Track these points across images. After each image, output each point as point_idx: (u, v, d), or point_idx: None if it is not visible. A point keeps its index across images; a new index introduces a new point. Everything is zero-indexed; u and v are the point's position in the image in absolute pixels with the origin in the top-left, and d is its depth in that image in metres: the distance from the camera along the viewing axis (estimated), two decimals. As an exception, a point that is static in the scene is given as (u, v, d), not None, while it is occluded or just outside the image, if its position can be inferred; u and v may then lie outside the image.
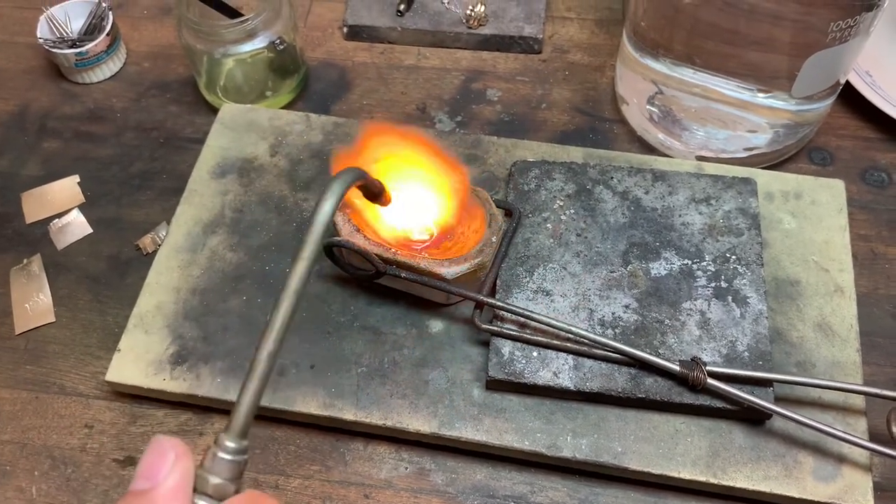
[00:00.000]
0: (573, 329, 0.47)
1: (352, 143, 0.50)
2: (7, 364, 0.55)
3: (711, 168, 0.57)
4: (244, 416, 0.30)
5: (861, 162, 0.61)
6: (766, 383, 0.46)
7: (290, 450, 0.50)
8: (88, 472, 0.50)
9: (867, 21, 0.50)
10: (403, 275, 0.49)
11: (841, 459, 0.46)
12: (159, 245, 0.57)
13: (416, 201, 0.51)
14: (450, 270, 0.49)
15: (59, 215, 0.61)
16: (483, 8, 0.68)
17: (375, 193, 0.41)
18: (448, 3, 0.70)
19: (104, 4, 0.68)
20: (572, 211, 0.54)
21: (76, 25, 0.69)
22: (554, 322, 0.48)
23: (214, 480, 0.29)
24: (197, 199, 0.58)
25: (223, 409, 0.51)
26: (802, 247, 0.54)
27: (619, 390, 0.47)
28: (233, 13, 0.62)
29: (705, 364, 0.46)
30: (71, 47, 0.67)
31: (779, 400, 0.47)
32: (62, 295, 0.57)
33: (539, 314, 0.48)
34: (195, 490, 0.29)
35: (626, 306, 0.50)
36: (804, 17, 0.49)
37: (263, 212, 0.57)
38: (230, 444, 0.29)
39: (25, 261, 0.59)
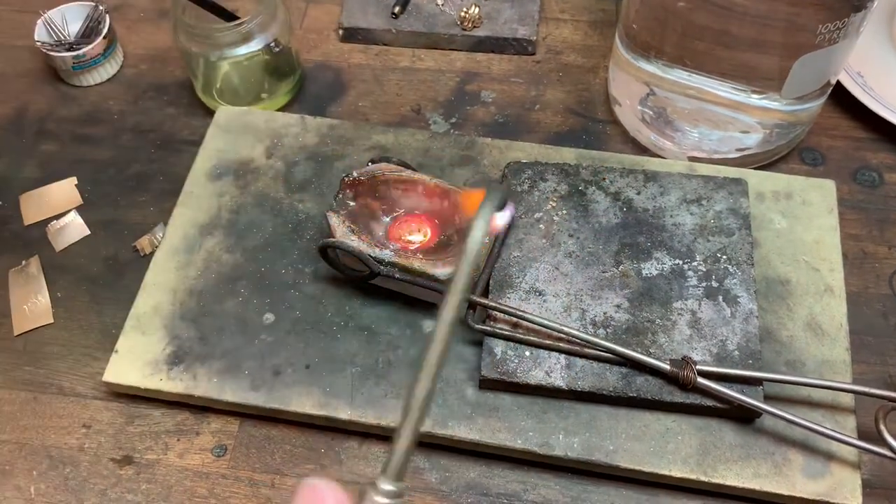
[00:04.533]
0: (565, 329, 0.48)
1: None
2: (5, 365, 0.55)
3: (703, 169, 0.57)
4: (401, 458, 0.28)
5: (852, 162, 0.62)
6: (756, 382, 0.47)
7: (285, 449, 0.51)
8: (86, 471, 0.51)
9: (856, 22, 0.50)
10: (397, 276, 0.49)
11: (830, 457, 0.47)
12: (156, 246, 0.58)
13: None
14: (443, 271, 0.49)
15: (57, 217, 0.62)
16: (477, 10, 0.69)
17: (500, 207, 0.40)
18: (442, 4, 0.71)
19: (101, 7, 0.69)
20: (565, 212, 0.54)
21: (73, 28, 0.70)
22: (546, 322, 0.48)
23: None
24: (193, 201, 0.58)
25: (219, 409, 0.52)
26: (793, 246, 0.54)
27: (611, 389, 0.47)
28: (229, 16, 0.63)
29: (696, 363, 0.47)
30: (68, 50, 0.67)
31: (769, 398, 0.47)
32: (60, 296, 0.58)
33: (531, 314, 0.48)
34: None
35: (618, 306, 0.50)
36: (793, 19, 0.49)
37: (259, 213, 0.57)
38: (388, 488, 0.28)
39: (24, 262, 0.60)
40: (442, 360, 0.29)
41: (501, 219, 0.29)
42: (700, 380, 0.46)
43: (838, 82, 0.62)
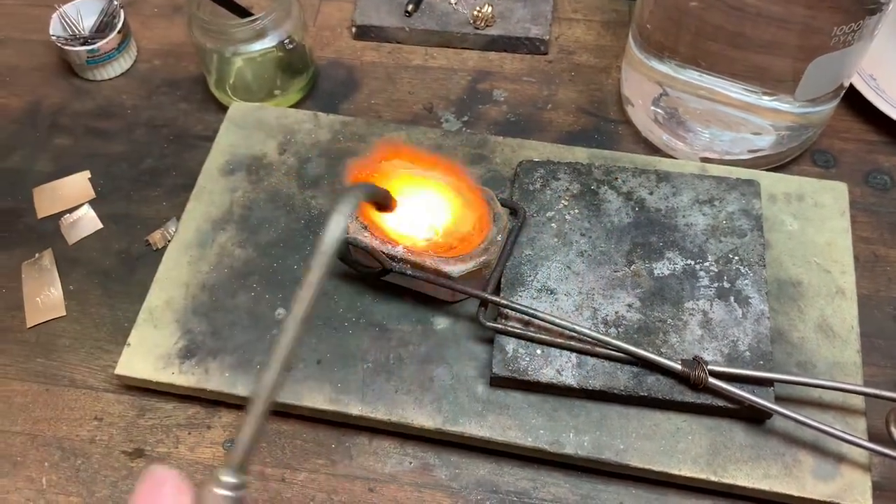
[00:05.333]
0: (576, 327, 0.48)
1: (365, 155, 0.50)
2: (18, 357, 0.56)
3: (715, 169, 0.57)
4: (244, 450, 0.28)
5: (864, 165, 0.62)
6: (766, 383, 0.47)
7: (296, 444, 0.51)
8: (98, 463, 0.51)
9: (871, 25, 0.50)
10: (409, 272, 0.50)
11: (840, 459, 0.47)
12: (169, 241, 0.58)
13: (422, 204, 0.51)
14: (455, 268, 0.49)
15: (70, 210, 0.62)
16: (490, 9, 0.69)
17: (383, 204, 0.41)
18: (455, 3, 0.71)
19: (115, 2, 0.69)
20: (577, 211, 0.54)
21: (88, 23, 0.70)
22: (557, 320, 0.48)
23: None
24: (206, 196, 0.59)
25: (231, 403, 0.52)
26: (805, 248, 0.54)
27: (622, 388, 0.47)
28: (243, 12, 0.63)
29: (707, 363, 0.47)
30: (82, 44, 0.68)
31: (779, 399, 0.47)
32: (73, 289, 0.58)
33: (543, 312, 0.49)
34: None
35: (630, 305, 0.50)
36: (808, 21, 0.49)
37: (272, 209, 0.58)
38: (229, 480, 0.28)
39: (37, 255, 0.60)
40: (290, 353, 0.29)
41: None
42: (711, 380, 0.46)
43: (851, 85, 0.62)
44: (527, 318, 0.49)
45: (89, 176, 0.64)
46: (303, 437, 0.51)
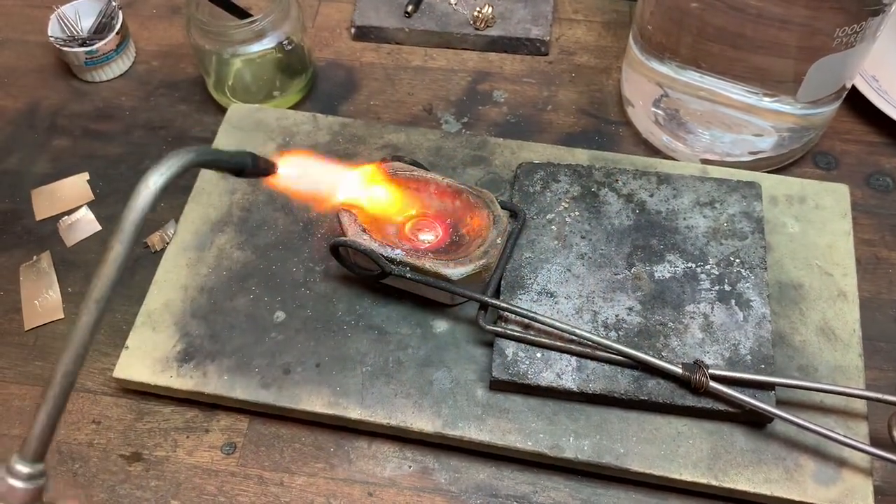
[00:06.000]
0: (577, 331, 0.48)
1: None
2: (16, 360, 0.55)
3: (716, 171, 0.57)
4: (39, 435, 0.27)
5: (866, 166, 0.62)
6: (768, 387, 0.47)
7: (294, 448, 0.51)
8: (96, 467, 0.51)
9: (873, 26, 0.50)
10: (408, 275, 0.49)
11: (842, 463, 0.46)
12: (168, 243, 0.58)
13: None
14: (455, 271, 0.49)
15: (69, 212, 0.62)
16: (490, 9, 0.69)
17: (239, 170, 0.37)
18: (455, 4, 0.70)
19: (114, 3, 0.69)
20: (577, 213, 0.54)
21: (86, 24, 0.70)
22: (558, 324, 0.48)
23: None
24: (205, 198, 0.58)
25: (229, 407, 0.52)
26: (806, 251, 0.54)
27: (622, 392, 0.47)
28: (242, 13, 0.63)
29: (708, 367, 0.46)
30: (81, 46, 0.67)
31: (780, 403, 0.47)
32: (71, 292, 0.58)
33: (543, 316, 0.48)
34: None
35: (630, 309, 0.50)
36: (810, 22, 0.49)
37: (271, 211, 0.57)
38: (22, 469, 0.26)
39: (35, 258, 0.60)
40: (89, 334, 0.27)
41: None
42: (712, 384, 0.46)
43: (853, 86, 0.62)
44: (527, 321, 0.49)
45: (88, 178, 0.64)
46: (301, 440, 0.51)
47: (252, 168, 0.37)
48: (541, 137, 0.64)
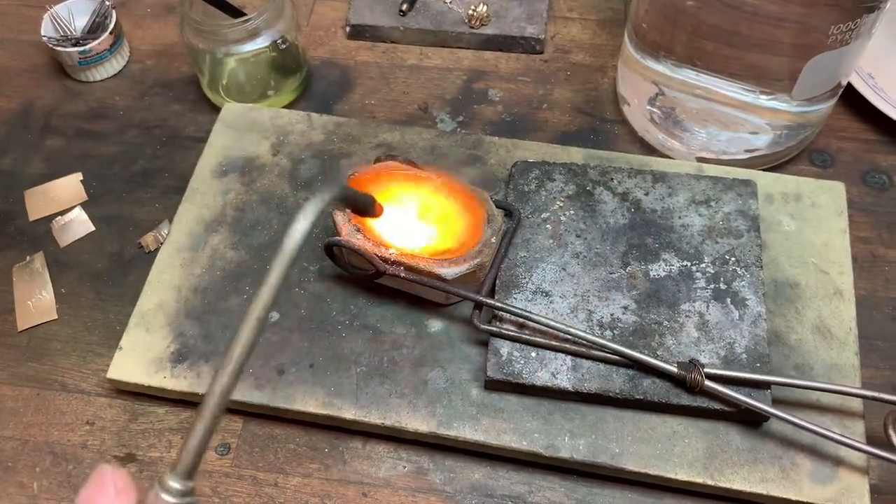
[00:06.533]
0: (572, 330, 0.48)
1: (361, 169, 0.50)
2: (9, 361, 0.55)
3: (712, 170, 0.57)
4: (192, 454, 0.27)
5: (862, 164, 0.61)
6: (764, 385, 0.47)
7: (289, 448, 0.51)
8: (89, 468, 0.51)
9: (868, 23, 0.49)
10: (403, 275, 0.49)
11: (838, 462, 0.46)
12: (161, 243, 0.58)
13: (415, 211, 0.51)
14: (449, 271, 0.49)
15: (62, 213, 0.62)
16: (485, 8, 0.68)
17: (363, 209, 0.39)
18: (450, 2, 0.70)
19: (107, 3, 0.69)
20: (572, 212, 0.54)
21: (80, 23, 0.69)
22: (552, 323, 0.48)
23: None
24: (199, 198, 0.58)
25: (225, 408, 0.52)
26: (802, 249, 0.54)
27: (617, 391, 0.47)
28: (235, 12, 0.62)
29: (703, 366, 0.46)
30: (74, 45, 0.67)
31: (776, 402, 0.47)
32: (65, 292, 0.58)
33: (538, 315, 0.48)
34: None
35: (625, 308, 0.50)
36: (805, 20, 0.49)
37: (265, 211, 0.57)
38: (176, 486, 0.27)
39: (28, 258, 0.60)
40: (246, 355, 0.28)
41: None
42: (707, 383, 0.46)
43: (849, 84, 0.61)
44: (521, 320, 0.49)
45: (81, 178, 0.63)
46: (296, 441, 0.51)
47: (372, 210, 0.39)
48: (536, 136, 0.64)
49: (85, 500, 0.27)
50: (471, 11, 0.69)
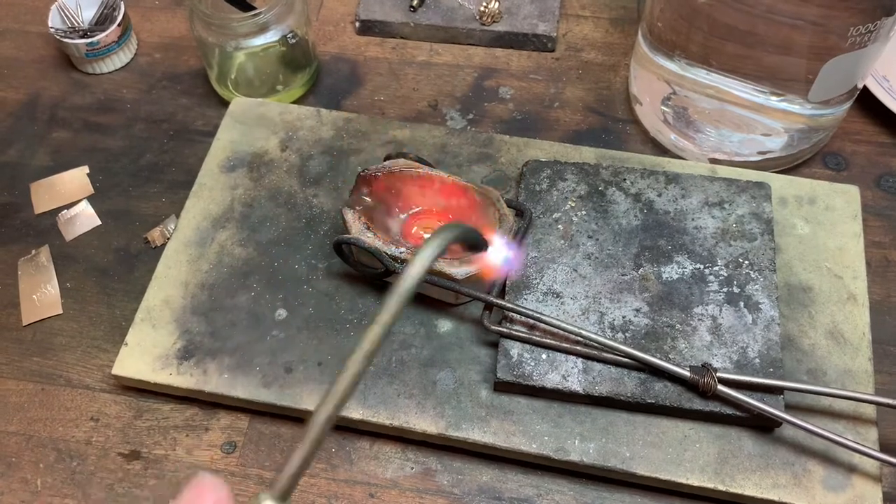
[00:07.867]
0: (583, 332, 0.47)
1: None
2: (14, 355, 0.55)
3: (725, 171, 0.56)
4: (291, 477, 0.27)
5: (876, 168, 0.61)
6: (776, 391, 0.46)
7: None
8: (93, 465, 0.50)
9: (887, 26, 0.49)
10: (413, 274, 0.48)
11: (851, 469, 0.46)
12: (168, 238, 0.57)
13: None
14: (460, 270, 0.48)
15: (68, 206, 0.61)
16: (497, 5, 0.68)
17: (475, 244, 0.39)
18: (462, -1, 0.70)
19: (116, -6, 0.68)
20: (584, 212, 0.53)
21: (87, 15, 0.69)
22: (563, 324, 0.47)
23: None
24: (206, 193, 0.58)
25: (229, 406, 0.51)
26: (816, 253, 0.53)
27: (629, 395, 0.47)
28: (245, 6, 0.62)
29: (716, 370, 0.46)
30: (82, 37, 0.66)
31: (789, 408, 0.46)
32: (70, 287, 0.57)
33: (548, 316, 0.48)
34: None
35: (637, 310, 0.49)
36: (823, 21, 0.48)
37: (273, 207, 0.57)
38: None
39: (34, 252, 0.59)
40: (352, 387, 0.28)
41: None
42: (720, 387, 0.45)
43: (864, 86, 0.61)
44: (532, 321, 0.48)
45: (87, 171, 0.63)
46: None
47: (484, 245, 0.39)
48: (547, 135, 0.63)
49: None
50: (482, 8, 0.68)
